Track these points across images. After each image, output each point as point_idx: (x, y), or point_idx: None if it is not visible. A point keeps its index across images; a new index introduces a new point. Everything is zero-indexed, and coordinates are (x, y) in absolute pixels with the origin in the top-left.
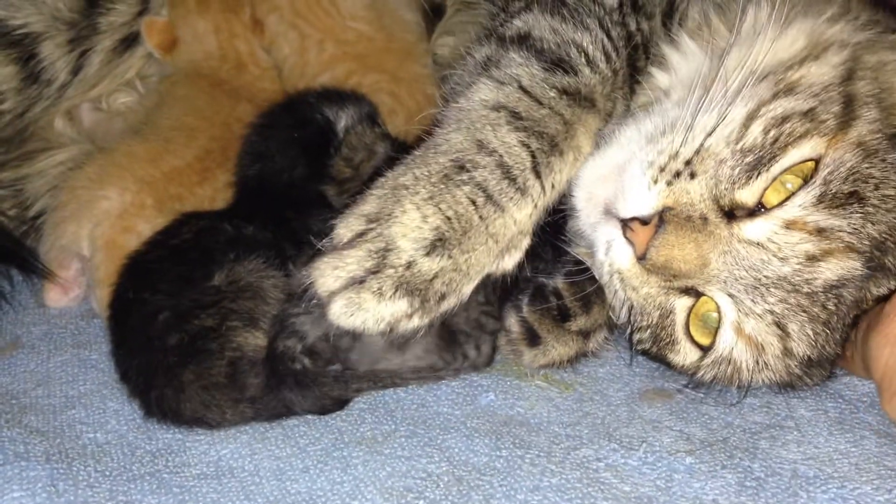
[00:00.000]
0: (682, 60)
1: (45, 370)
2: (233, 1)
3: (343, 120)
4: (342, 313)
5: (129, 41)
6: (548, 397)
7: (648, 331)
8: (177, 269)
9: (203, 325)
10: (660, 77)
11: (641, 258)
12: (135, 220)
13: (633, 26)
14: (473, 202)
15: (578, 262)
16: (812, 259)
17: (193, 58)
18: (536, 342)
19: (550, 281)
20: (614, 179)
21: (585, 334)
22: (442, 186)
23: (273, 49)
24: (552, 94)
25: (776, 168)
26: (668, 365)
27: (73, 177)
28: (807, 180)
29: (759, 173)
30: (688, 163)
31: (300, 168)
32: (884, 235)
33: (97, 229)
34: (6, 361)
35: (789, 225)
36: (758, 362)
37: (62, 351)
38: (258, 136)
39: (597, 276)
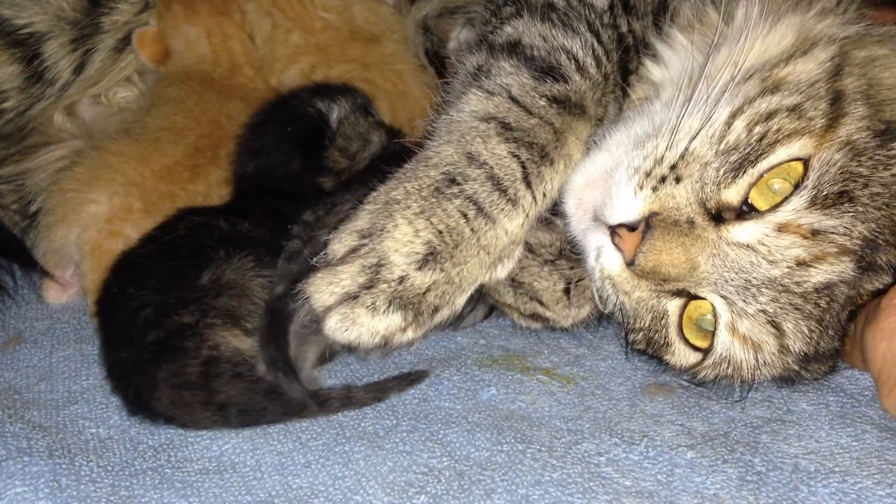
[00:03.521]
0: (674, 56)
1: (47, 365)
2: (222, 3)
3: (336, 111)
4: (337, 328)
5: (130, 38)
6: (549, 391)
7: (642, 333)
8: (167, 266)
9: (181, 321)
10: (654, 70)
11: (630, 264)
12: (122, 224)
13: (624, 28)
14: (465, 215)
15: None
16: (802, 264)
17: (187, 64)
18: None
19: None
20: (601, 186)
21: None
22: (433, 200)
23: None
24: (542, 103)
25: (763, 165)
26: (666, 365)
27: (62, 178)
28: (798, 184)
29: (744, 171)
30: (673, 167)
31: (296, 162)
32: (874, 233)
33: (84, 234)
34: (9, 356)
35: (781, 228)
36: (757, 360)
37: (65, 346)
38: (253, 133)
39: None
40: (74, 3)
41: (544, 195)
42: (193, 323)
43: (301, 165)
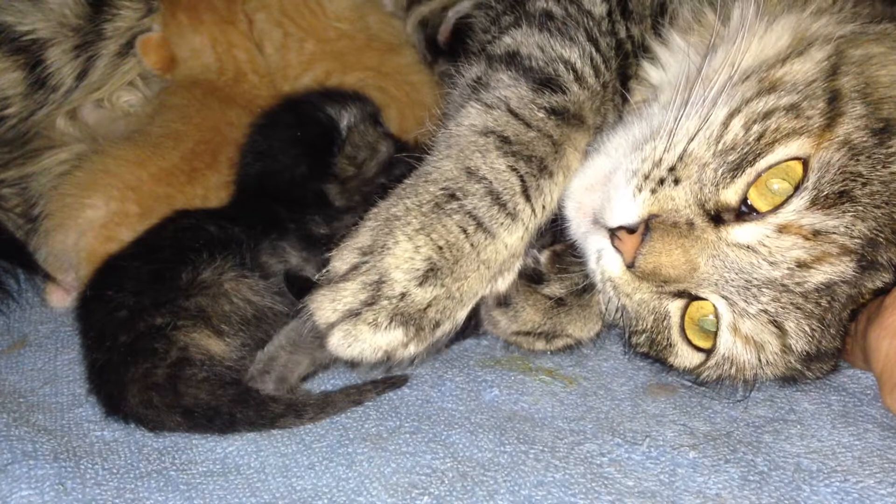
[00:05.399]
0: (671, 58)
1: (52, 368)
2: (226, 12)
3: (345, 119)
4: (340, 344)
5: (132, 43)
6: (552, 392)
7: (644, 335)
8: (147, 268)
9: (153, 323)
10: (651, 73)
11: (630, 266)
12: (117, 228)
13: (622, 34)
14: (464, 230)
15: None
16: (803, 265)
17: (192, 72)
18: (507, 301)
19: (537, 252)
20: (601, 189)
21: (559, 302)
22: (433, 216)
23: (259, 48)
24: (540, 116)
25: (761, 164)
26: (669, 367)
27: (62, 183)
28: (798, 185)
29: (742, 171)
30: (671, 169)
31: (303, 167)
32: (875, 232)
33: (81, 240)
34: (13, 360)
35: (782, 229)
36: (759, 360)
37: (69, 349)
38: (260, 135)
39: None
40: (77, 10)
41: (544, 207)
42: (164, 325)
43: (307, 171)
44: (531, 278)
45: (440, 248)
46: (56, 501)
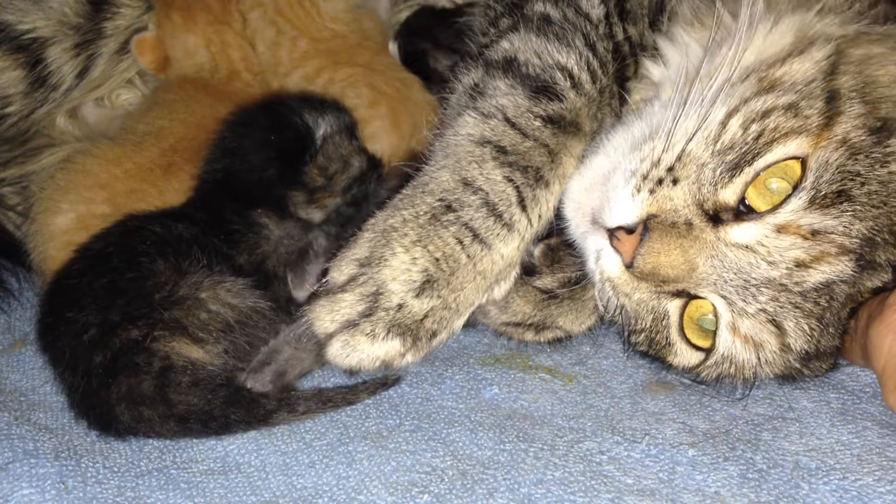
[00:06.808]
0: (675, 53)
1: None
2: (221, 12)
3: (322, 128)
4: (338, 354)
5: (130, 41)
6: (551, 390)
7: (643, 334)
8: (102, 280)
9: (128, 337)
10: (653, 70)
11: (629, 266)
12: (79, 234)
13: (620, 36)
14: (461, 242)
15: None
16: (801, 265)
17: (185, 72)
18: None
19: (531, 245)
20: (599, 189)
21: (551, 295)
22: (430, 228)
23: (251, 45)
24: (537, 124)
25: (760, 163)
26: (669, 366)
27: (44, 186)
28: (796, 185)
29: (741, 170)
30: (670, 169)
31: (272, 170)
32: (873, 231)
33: (48, 247)
34: (15, 358)
35: (781, 229)
36: (758, 359)
37: None
38: (232, 132)
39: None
40: (77, 9)
41: (540, 217)
42: (141, 337)
43: (276, 174)
44: (524, 270)
45: (437, 259)
46: (57, 500)
